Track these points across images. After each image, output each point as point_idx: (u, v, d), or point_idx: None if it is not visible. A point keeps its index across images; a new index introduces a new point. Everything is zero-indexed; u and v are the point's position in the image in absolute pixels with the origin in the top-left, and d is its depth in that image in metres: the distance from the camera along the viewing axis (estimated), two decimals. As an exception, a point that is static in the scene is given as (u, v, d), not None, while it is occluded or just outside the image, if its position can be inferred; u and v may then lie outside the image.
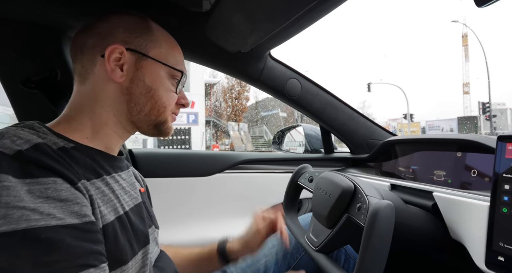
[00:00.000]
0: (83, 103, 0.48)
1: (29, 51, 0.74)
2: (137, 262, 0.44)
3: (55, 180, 0.35)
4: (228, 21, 0.70)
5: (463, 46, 28.22)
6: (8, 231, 0.29)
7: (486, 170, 0.63)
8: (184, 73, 0.54)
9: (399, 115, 35.04)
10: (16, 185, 0.32)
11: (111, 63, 0.47)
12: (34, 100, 0.77)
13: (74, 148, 0.42)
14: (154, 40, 0.51)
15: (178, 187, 1.02)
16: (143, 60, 0.49)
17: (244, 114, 24.53)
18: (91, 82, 0.48)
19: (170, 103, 0.53)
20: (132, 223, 0.45)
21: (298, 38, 52.02)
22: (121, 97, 0.49)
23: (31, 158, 0.34)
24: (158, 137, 0.57)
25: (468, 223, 0.54)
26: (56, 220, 0.32)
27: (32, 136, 0.37)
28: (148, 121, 0.51)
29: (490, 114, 17.04)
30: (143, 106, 0.50)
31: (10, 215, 0.30)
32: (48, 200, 0.33)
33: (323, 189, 0.64)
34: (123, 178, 0.50)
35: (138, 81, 0.49)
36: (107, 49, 0.46)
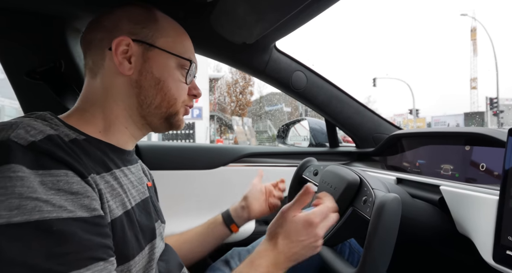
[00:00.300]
0: (94, 97, 0.48)
1: (32, 42, 0.74)
2: (143, 257, 0.45)
3: (67, 173, 0.35)
4: (233, 11, 0.69)
5: (472, 40, 27.69)
6: (21, 222, 0.29)
7: (495, 164, 0.62)
8: (193, 62, 0.53)
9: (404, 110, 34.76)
10: (29, 176, 0.32)
11: (118, 55, 0.47)
12: (39, 92, 0.77)
13: (85, 141, 0.42)
14: (160, 29, 0.50)
15: (183, 179, 1.02)
16: (150, 50, 0.49)
17: (248, 108, 24.50)
18: (101, 76, 0.48)
19: (181, 94, 0.52)
20: (139, 218, 0.46)
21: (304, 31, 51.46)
22: (130, 90, 0.48)
23: (44, 150, 0.34)
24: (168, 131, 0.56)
25: (475, 217, 0.54)
26: (67, 213, 0.32)
27: (45, 127, 0.37)
28: (159, 114, 0.51)
29: (497, 109, 16.79)
30: (153, 99, 0.49)
31: (23, 206, 0.30)
32: (59, 192, 0.33)
33: (328, 182, 0.63)
34: (132, 172, 0.51)
35: (146, 73, 0.48)
36: (114, 41, 0.46)
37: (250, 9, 0.67)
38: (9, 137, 0.33)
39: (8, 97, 8.56)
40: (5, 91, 7.36)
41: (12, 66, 0.76)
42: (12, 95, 0.81)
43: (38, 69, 0.73)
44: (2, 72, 0.78)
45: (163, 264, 0.53)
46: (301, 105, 19.16)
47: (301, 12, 0.66)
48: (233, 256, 0.75)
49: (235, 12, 0.69)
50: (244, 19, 0.71)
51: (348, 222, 0.56)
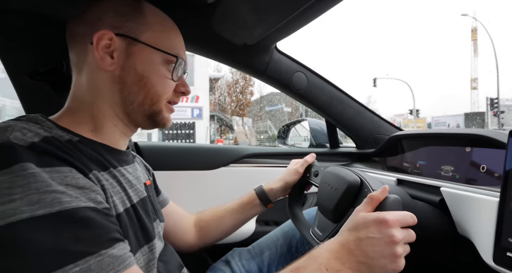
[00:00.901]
0: (82, 94, 0.47)
1: (34, 42, 0.74)
2: (144, 254, 0.45)
3: (71, 170, 0.36)
4: (234, 12, 0.69)
5: (472, 40, 27.67)
6: (45, 214, 0.31)
7: (496, 165, 0.62)
8: (180, 58, 0.50)
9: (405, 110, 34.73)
10: (40, 172, 0.33)
11: (100, 50, 0.45)
12: (40, 92, 0.77)
13: (79, 142, 0.42)
14: (146, 23, 0.48)
15: (183, 180, 1.02)
16: (134, 45, 0.47)
17: (248, 108, 24.49)
18: (86, 72, 0.47)
19: (166, 92, 0.50)
20: (139, 217, 0.46)
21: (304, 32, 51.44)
22: (114, 86, 0.47)
23: (45, 149, 0.35)
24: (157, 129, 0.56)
25: (476, 219, 0.54)
26: (84, 202, 0.34)
27: (39, 130, 0.37)
28: (142, 112, 0.49)
29: (498, 110, 16.78)
30: (136, 96, 0.48)
31: (43, 199, 0.31)
32: (69, 187, 0.34)
33: (328, 183, 0.63)
34: (129, 171, 0.50)
35: (129, 69, 0.47)
36: (95, 35, 0.44)
37: (251, 10, 0.67)
38: (9, 139, 0.34)
39: (8, 97, 8.57)
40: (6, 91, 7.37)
41: (13, 66, 0.77)
42: (12, 95, 0.81)
43: (39, 70, 0.73)
44: (3, 72, 0.78)
45: (162, 265, 0.53)
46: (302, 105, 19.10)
47: (303, 14, 0.67)
48: (233, 256, 0.75)
49: (236, 13, 0.69)
50: (245, 20, 0.71)
51: (348, 223, 0.56)
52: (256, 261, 0.73)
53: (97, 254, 0.32)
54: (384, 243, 0.41)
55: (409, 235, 0.44)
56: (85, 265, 0.31)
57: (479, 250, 0.52)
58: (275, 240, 0.78)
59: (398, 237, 0.42)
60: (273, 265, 0.73)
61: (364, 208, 0.46)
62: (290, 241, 0.77)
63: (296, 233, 0.78)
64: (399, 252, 0.42)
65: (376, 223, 0.42)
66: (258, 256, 0.75)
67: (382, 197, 0.47)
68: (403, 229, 0.44)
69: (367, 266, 0.41)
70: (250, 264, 0.73)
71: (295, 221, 0.74)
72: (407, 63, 64.18)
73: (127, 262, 0.35)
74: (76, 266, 0.30)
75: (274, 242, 0.77)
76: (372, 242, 0.42)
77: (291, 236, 0.78)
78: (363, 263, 0.41)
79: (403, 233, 0.43)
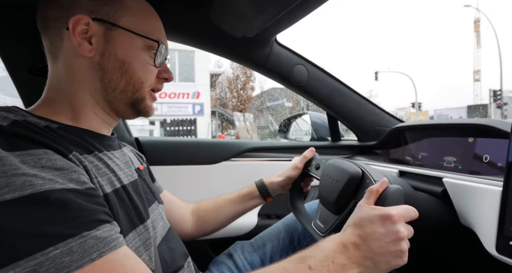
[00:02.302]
0: (58, 83, 0.46)
1: (33, 38, 0.74)
2: (140, 234, 0.43)
3: (46, 151, 0.34)
4: (233, 4, 0.68)
5: (475, 32, 27.33)
6: (15, 198, 0.29)
7: (499, 155, 0.61)
8: (161, 43, 0.49)
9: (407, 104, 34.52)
10: (8, 156, 0.31)
11: (77, 36, 0.43)
12: (40, 88, 0.77)
13: (59, 128, 0.40)
14: (124, 7, 0.46)
15: (185, 175, 1.02)
16: (113, 30, 0.45)
17: (249, 104, 24.44)
18: (62, 59, 0.45)
19: (148, 78, 0.48)
20: (130, 198, 0.44)
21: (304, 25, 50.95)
22: (94, 73, 0.45)
23: (15, 132, 0.34)
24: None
25: (479, 209, 0.53)
26: (60, 185, 0.32)
27: (8, 115, 0.36)
28: (124, 100, 0.48)
29: (501, 101, 16.65)
30: (117, 83, 0.46)
31: (12, 183, 0.29)
32: (44, 169, 0.32)
33: (330, 175, 0.63)
34: (116, 156, 0.49)
35: (109, 55, 0.45)
36: (70, 20, 0.42)
37: (250, 1, 0.66)
38: None
39: (10, 95, 8.59)
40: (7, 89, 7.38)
41: (13, 63, 0.76)
42: (14, 93, 0.81)
43: (38, 65, 0.73)
44: (4, 70, 0.78)
45: (169, 251, 0.52)
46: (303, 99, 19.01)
47: (302, 4, 0.66)
48: (236, 249, 0.76)
49: (235, 5, 0.68)
50: (244, 11, 0.71)
51: (350, 215, 0.56)
52: (259, 254, 0.74)
53: (79, 236, 0.31)
54: (390, 239, 0.42)
55: (411, 230, 0.45)
56: (66, 247, 0.29)
57: (482, 240, 0.52)
58: (277, 233, 0.78)
59: (404, 233, 0.42)
60: (276, 258, 0.74)
61: (366, 202, 0.46)
62: (292, 234, 0.77)
63: (298, 226, 0.78)
64: (404, 248, 0.42)
65: (381, 218, 0.43)
66: (260, 249, 0.75)
67: (381, 189, 0.47)
68: (406, 225, 0.44)
69: (372, 261, 0.42)
70: (252, 256, 0.73)
71: (297, 214, 0.74)
72: (409, 56, 63.61)
73: (113, 243, 0.33)
74: (57, 249, 0.29)
75: (276, 235, 0.78)
76: (377, 237, 0.42)
77: (293, 229, 0.78)
78: (369, 258, 0.42)
79: (408, 229, 0.44)
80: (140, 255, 0.42)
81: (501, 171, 0.58)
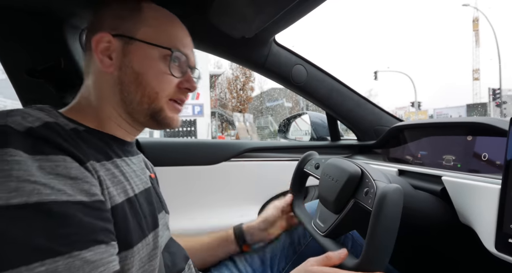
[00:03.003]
0: (88, 96, 0.48)
1: (31, 40, 0.74)
2: (147, 244, 0.44)
3: (65, 158, 0.35)
4: (232, 4, 0.68)
5: (474, 31, 27.35)
6: (21, 204, 0.29)
7: (497, 153, 0.62)
8: (176, 50, 0.48)
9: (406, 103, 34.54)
10: (27, 161, 0.31)
11: (99, 53, 0.45)
12: (39, 90, 0.77)
13: (85, 131, 0.42)
14: (141, 20, 0.47)
15: (185, 175, 1.02)
16: (130, 44, 0.46)
17: (249, 104, 24.44)
18: (91, 76, 0.48)
19: (163, 88, 0.48)
20: (142, 206, 0.45)
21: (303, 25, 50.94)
22: (114, 88, 0.47)
23: (42, 136, 0.34)
24: None
25: (478, 207, 0.54)
26: (67, 196, 0.32)
27: (42, 115, 0.37)
28: (142, 112, 0.48)
29: (500, 100, 16.66)
30: (134, 95, 0.47)
31: (21, 188, 0.30)
32: (58, 176, 0.33)
33: (329, 175, 0.63)
34: (134, 162, 0.50)
35: (126, 68, 0.46)
36: (93, 38, 0.45)
37: (249, 1, 0.66)
38: (6, 123, 0.33)
39: (10, 98, 8.60)
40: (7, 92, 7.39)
41: (12, 65, 0.77)
42: (14, 96, 0.82)
43: (38, 67, 0.73)
44: (3, 73, 0.78)
45: (169, 256, 0.53)
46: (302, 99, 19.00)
47: (300, 4, 0.66)
48: None
49: (234, 5, 0.68)
50: (243, 12, 0.71)
51: (350, 214, 0.57)
52: (259, 255, 0.74)
53: (68, 255, 0.30)
54: None
55: None
56: (52, 265, 0.28)
57: (481, 238, 0.52)
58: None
59: None
60: (276, 258, 0.73)
61: (315, 261, 0.48)
62: (292, 234, 0.77)
63: (297, 226, 0.78)
64: None
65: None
66: (260, 250, 0.75)
67: (337, 261, 0.49)
68: None
69: None
70: (252, 257, 0.73)
71: (297, 213, 0.74)
72: (408, 55, 63.63)
73: (100, 269, 0.32)
74: (43, 265, 0.28)
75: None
76: None
77: (293, 229, 0.78)
78: None
79: None
80: (142, 265, 0.42)
81: (500, 169, 0.58)
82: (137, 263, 0.41)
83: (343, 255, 0.48)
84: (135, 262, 0.40)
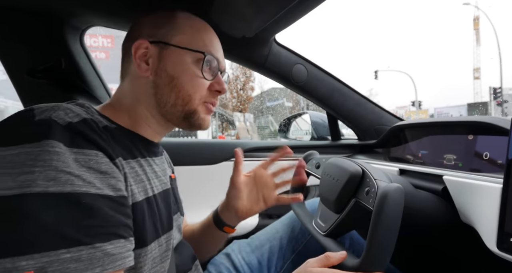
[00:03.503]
0: (123, 97, 0.51)
1: (32, 40, 0.74)
2: (160, 244, 0.46)
3: (97, 153, 0.37)
4: (232, 3, 0.68)
5: (475, 29, 27.29)
6: (56, 192, 0.32)
7: (499, 152, 0.61)
8: (208, 54, 0.51)
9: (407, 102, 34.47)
10: (65, 152, 0.34)
11: (137, 59, 0.49)
12: (40, 91, 0.77)
13: (116, 129, 0.45)
14: (176, 28, 0.50)
15: (185, 175, 1.02)
16: (166, 49, 0.49)
17: (249, 104, 24.44)
18: (128, 79, 0.51)
19: (196, 90, 0.50)
20: (159, 207, 0.47)
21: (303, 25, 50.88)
22: (149, 90, 0.50)
23: (79, 130, 0.37)
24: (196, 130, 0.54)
25: (479, 206, 0.53)
26: (96, 189, 0.35)
27: (82, 112, 0.40)
28: (176, 113, 0.50)
29: (501, 99, 16.63)
30: (168, 98, 0.49)
31: (58, 178, 0.32)
32: (90, 170, 0.35)
33: (330, 174, 0.63)
34: (157, 163, 0.52)
35: (161, 72, 0.49)
36: (133, 45, 0.48)
37: (250, 1, 0.66)
38: (51, 116, 0.36)
39: (11, 98, 8.61)
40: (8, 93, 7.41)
41: (13, 66, 0.77)
42: (15, 96, 0.82)
43: (38, 67, 0.73)
44: (4, 74, 0.79)
45: (178, 256, 0.55)
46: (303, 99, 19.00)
47: (301, 4, 0.66)
48: (233, 248, 0.76)
49: (234, 5, 0.68)
50: (243, 11, 0.71)
51: (351, 213, 0.56)
52: (256, 255, 0.74)
53: (91, 246, 0.32)
54: None
55: None
56: (77, 253, 0.31)
57: (483, 237, 0.52)
58: (274, 233, 0.78)
59: None
60: (274, 258, 0.73)
61: (315, 262, 0.48)
62: (290, 233, 0.77)
63: (296, 225, 0.78)
64: None
65: None
66: (258, 250, 0.75)
67: (336, 261, 0.49)
68: None
69: None
70: (250, 257, 0.73)
71: (297, 213, 0.74)
72: (409, 54, 63.52)
73: (119, 262, 0.34)
74: (69, 252, 0.30)
75: (273, 234, 0.78)
76: None
77: (291, 228, 0.78)
78: None
79: None
80: (154, 266, 0.44)
81: (501, 168, 0.58)
82: (150, 263, 0.43)
83: (343, 256, 0.49)
84: (147, 261, 0.42)
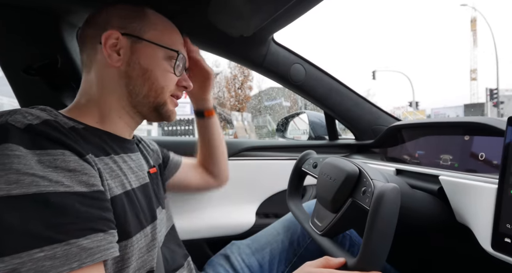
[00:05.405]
0: (90, 90, 0.51)
1: (28, 37, 0.74)
2: (146, 235, 0.47)
3: (63, 152, 0.37)
4: (230, 2, 0.68)
5: (472, 31, 27.44)
6: (19, 195, 0.31)
7: (494, 153, 0.62)
8: (181, 53, 0.55)
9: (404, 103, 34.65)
10: (26, 155, 0.34)
11: (108, 48, 0.49)
12: (36, 88, 0.77)
13: (84, 129, 0.45)
14: (148, 24, 0.52)
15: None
16: (138, 43, 0.51)
17: (247, 103, 24.41)
18: (95, 69, 0.51)
19: (168, 84, 0.54)
20: (139, 200, 0.48)
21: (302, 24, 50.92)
22: (120, 81, 0.51)
23: (41, 132, 0.36)
24: (157, 125, 0.59)
25: (474, 206, 0.54)
26: (64, 187, 0.34)
27: (42, 114, 0.39)
28: (147, 104, 0.53)
29: (497, 100, 16.75)
30: (141, 88, 0.51)
31: (21, 180, 0.32)
32: (57, 169, 0.35)
33: (327, 174, 0.63)
34: (132, 159, 0.53)
35: (134, 64, 0.51)
36: (103, 35, 0.49)
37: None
38: (7, 121, 0.36)
39: (6, 95, 8.54)
40: (3, 89, 7.35)
41: (8, 63, 0.76)
42: (10, 93, 0.81)
43: (34, 65, 0.73)
44: (0, 71, 0.78)
45: (168, 252, 0.55)
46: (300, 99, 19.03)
47: (299, 3, 0.66)
48: (232, 250, 0.75)
49: (232, 3, 0.68)
50: (241, 10, 0.70)
51: (347, 213, 0.57)
52: (257, 257, 0.73)
53: (65, 243, 0.32)
54: None
55: None
56: (51, 251, 0.31)
57: (478, 237, 0.52)
58: (275, 235, 0.78)
59: None
60: (275, 261, 0.73)
61: (314, 263, 0.49)
62: (291, 235, 0.77)
63: (297, 228, 0.78)
64: None
65: None
66: (258, 252, 0.74)
67: (335, 266, 0.49)
68: None
69: None
70: (250, 259, 0.73)
71: (294, 212, 0.74)
72: (407, 55, 63.78)
73: (97, 256, 0.34)
74: (42, 251, 0.30)
75: (274, 237, 0.77)
76: None
77: (292, 230, 0.77)
78: None
79: None
80: (141, 255, 0.45)
81: (497, 169, 0.58)
82: (136, 253, 0.44)
83: (342, 261, 0.49)
84: (134, 252, 0.43)
